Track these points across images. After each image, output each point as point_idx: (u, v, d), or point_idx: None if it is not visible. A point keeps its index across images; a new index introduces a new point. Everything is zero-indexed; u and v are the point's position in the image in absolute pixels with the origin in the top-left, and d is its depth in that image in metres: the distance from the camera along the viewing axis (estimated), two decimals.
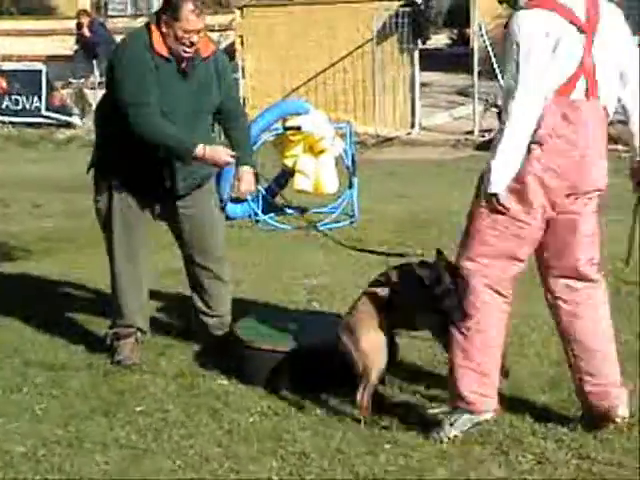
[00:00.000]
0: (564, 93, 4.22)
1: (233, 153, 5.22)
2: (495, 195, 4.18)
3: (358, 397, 4.53)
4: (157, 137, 5.07)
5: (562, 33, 4.21)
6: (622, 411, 4.41)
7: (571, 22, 4.21)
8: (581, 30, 4.23)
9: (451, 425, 4.35)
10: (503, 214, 4.24)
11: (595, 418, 4.40)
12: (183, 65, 5.13)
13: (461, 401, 4.34)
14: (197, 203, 5.42)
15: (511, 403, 4.68)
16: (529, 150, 4.18)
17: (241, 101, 15.46)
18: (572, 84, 4.25)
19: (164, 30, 5.04)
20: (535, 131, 4.17)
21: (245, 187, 5.45)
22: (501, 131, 4.17)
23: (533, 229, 4.31)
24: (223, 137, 5.65)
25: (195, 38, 5.04)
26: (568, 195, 4.29)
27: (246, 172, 5.43)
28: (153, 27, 5.09)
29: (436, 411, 4.56)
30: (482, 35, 14.89)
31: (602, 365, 4.48)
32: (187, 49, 5.05)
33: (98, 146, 5.46)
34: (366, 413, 4.52)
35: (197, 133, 5.21)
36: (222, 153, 5.16)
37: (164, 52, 5.07)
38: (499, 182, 4.16)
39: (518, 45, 4.14)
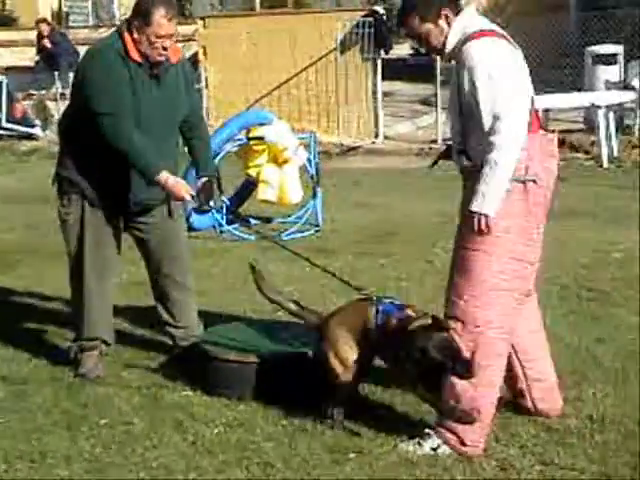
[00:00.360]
0: (536, 127, 4.37)
1: (193, 193, 5.22)
2: (487, 216, 4.22)
3: (327, 409, 4.56)
4: (129, 151, 5.04)
5: (520, 64, 4.37)
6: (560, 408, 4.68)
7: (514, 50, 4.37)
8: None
9: (433, 450, 4.32)
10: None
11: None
12: (155, 71, 5.11)
13: (458, 444, 4.31)
14: (163, 213, 5.41)
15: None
16: (525, 187, 4.27)
17: (204, 112, 15.51)
18: (533, 113, 4.38)
19: (136, 36, 5.02)
20: (526, 168, 4.26)
21: (207, 198, 5.44)
22: (492, 155, 4.16)
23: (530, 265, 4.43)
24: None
25: (168, 43, 5.04)
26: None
27: (207, 183, 5.43)
28: (125, 34, 5.06)
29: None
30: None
31: (547, 370, 4.69)
32: (161, 52, 5.05)
33: (64, 158, 5.40)
34: (333, 424, 4.54)
35: (168, 146, 5.23)
36: (183, 190, 5.14)
37: (138, 58, 5.04)
38: (494, 203, 4.20)
39: (490, 76, 4.19)
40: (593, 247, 8.17)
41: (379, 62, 15.19)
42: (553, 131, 4.54)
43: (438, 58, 15.05)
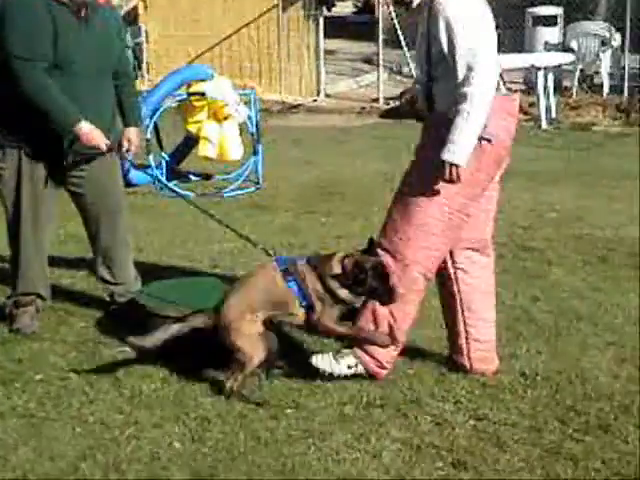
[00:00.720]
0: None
1: (109, 142, 5.11)
2: (457, 166, 4.28)
3: (228, 384, 4.46)
4: (41, 97, 4.91)
5: (490, 19, 4.43)
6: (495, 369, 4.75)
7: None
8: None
9: (349, 367, 4.55)
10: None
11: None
12: (83, 12, 4.97)
13: (372, 364, 4.54)
14: (100, 165, 5.31)
15: (410, 366, 4.77)
16: (479, 144, 4.33)
17: (145, 67, 15.35)
18: None
19: None
20: (484, 127, 4.30)
21: (134, 146, 5.37)
22: (464, 106, 4.21)
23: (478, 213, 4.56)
24: None
25: None
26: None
27: (133, 132, 5.37)
28: None
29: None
30: (387, 3, 14.96)
31: (489, 332, 4.79)
32: None
33: None
34: (238, 398, 4.44)
35: (102, 94, 5.13)
36: (99, 139, 5.04)
37: None
38: (465, 154, 4.27)
39: (465, 27, 4.24)
40: (530, 207, 8.27)
41: (321, 19, 15.11)
42: (515, 91, 4.59)
43: (380, 17, 15.12)
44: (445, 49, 4.30)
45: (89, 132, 4.99)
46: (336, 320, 4.50)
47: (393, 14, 14.72)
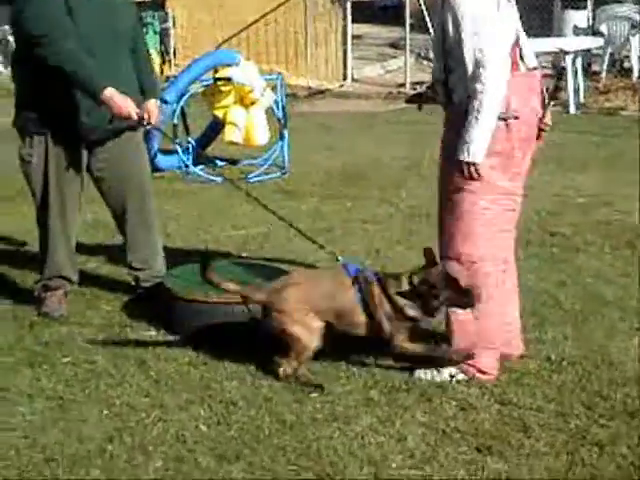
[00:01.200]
0: (515, 63, 4.35)
1: (139, 112, 5.12)
2: (475, 164, 4.27)
3: (281, 372, 4.48)
4: (70, 68, 4.92)
5: (504, 8, 4.34)
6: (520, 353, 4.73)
7: None
8: None
9: (451, 377, 4.47)
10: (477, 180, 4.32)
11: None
12: None
13: (475, 371, 4.48)
14: (125, 147, 5.35)
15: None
16: (506, 124, 4.30)
17: (172, 52, 15.37)
18: (514, 52, 4.39)
19: None
20: (507, 105, 4.28)
21: (154, 117, 5.35)
22: (475, 103, 4.19)
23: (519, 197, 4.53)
24: None
25: None
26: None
27: (152, 105, 5.35)
28: None
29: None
30: None
31: (515, 315, 4.75)
32: None
33: (19, 94, 5.31)
34: (296, 382, 4.46)
35: (118, 65, 5.14)
36: (130, 106, 5.04)
37: None
38: (481, 151, 4.25)
39: (471, 16, 4.19)
40: (557, 192, 8.22)
41: (348, 4, 15.06)
42: (535, 68, 4.53)
43: (407, 1, 15.07)
44: (455, 41, 4.27)
45: (118, 99, 4.99)
46: (408, 338, 4.46)
47: None
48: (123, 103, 5.01)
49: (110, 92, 4.95)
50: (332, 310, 4.48)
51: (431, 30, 14.51)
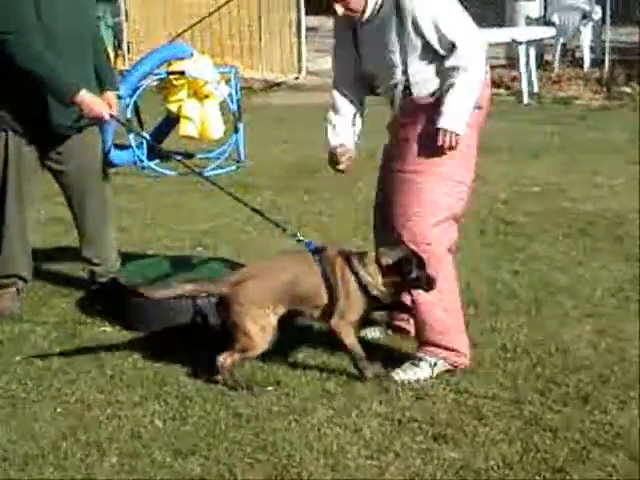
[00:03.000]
0: None
1: (112, 113, 5.13)
2: (457, 135, 4.35)
3: (220, 360, 4.36)
4: (40, 70, 4.91)
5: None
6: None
7: None
8: None
9: (431, 366, 4.45)
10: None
11: None
12: None
13: (453, 355, 4.47)
14: (82, 141, 5.31)
15: (389, 340, 4.79)
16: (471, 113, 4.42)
17: (125, 46, 15.26)
18: None
19: None
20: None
21: (115, 112, 5.31)
22: (457, 82, 4.30)
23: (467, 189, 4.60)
24: None
25: None
26: None
27: (111, 97, 5.32)
28: None
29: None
30: None
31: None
32: None
33: None
34: (225, 375, 4.38)
35: (83, 64, 5.11)
36: (102, 107, 5.05)
37: None
38: (464, 124, 4.36)
39: (445, 19, 4.34)
40: (511, 182, 8.27)
41: None
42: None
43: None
44: (432, 39, 4.35)
45: (90, 101, 4.99)
46: (353, 325, 4.42)
47: None
48: (95, 105, 5.01)
49: (82, 94, 4.95)
50: (296, 295, 4.40)
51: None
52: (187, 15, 15.12)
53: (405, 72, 4.47)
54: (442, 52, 4.36)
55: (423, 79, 4.45)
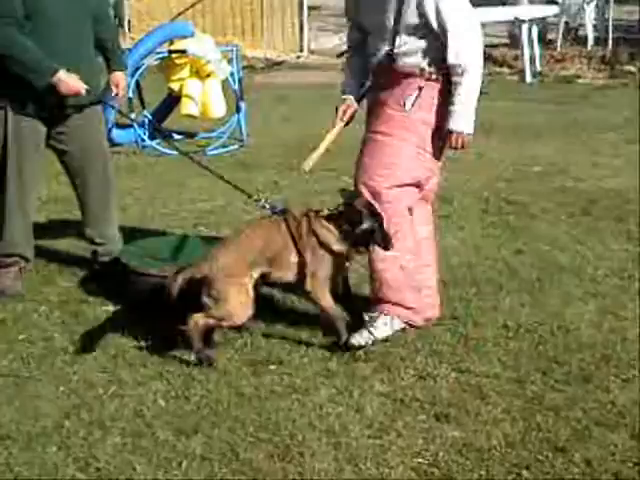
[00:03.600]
0: None
1: (87, 87, 5.07)
2: (469, 135, 4.57)
3: (192, 320, 4.38)
4: (15, 52, 4.91)
5: None
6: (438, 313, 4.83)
7: None
8: None
9: (385, 324, 4.56)
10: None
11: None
12: None
13: (406, 313, 4.61)
14: (84, 120, 5.29)
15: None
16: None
17: (126, 24, 15.22)
18: None
19: None
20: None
21: (122, 89, 5.40)
22: (459, 82, 4.48)
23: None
24: None
25: None
26: None
27: (120, 77, 5.38)
28: None
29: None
30: None
31: (433, 277, 4.87)
32: None
33: None
34: (192, 333, 4.37)
35: (82, 44, 5.09)
36: (78, 84, 5.02)
37: None
38: (472, 123, 4.57)
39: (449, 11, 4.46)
40: (514, 161, 8.26)
41: None
42: None
43: None
44: (432, 20, 4.48)
45: (66, 79, 4.97)
46: (326, 284, 4.48)
47: None
48: (72, 82, 4.99)
49: (59, 75, 4.93)
50: (268, 257, 4.47)
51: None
52: None
53: (393, 40, 4.58)
54: (449, 46, 4.46)
55: (408, 50, 4.56)
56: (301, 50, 15.16)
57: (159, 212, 6.91)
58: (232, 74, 9.32)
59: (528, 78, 12.44)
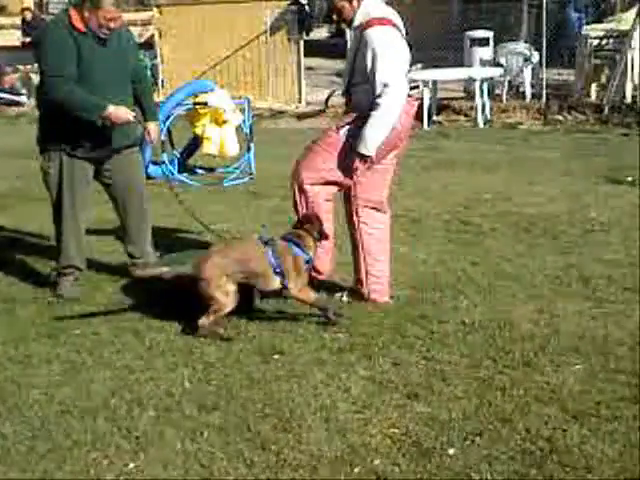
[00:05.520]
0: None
1: (133, 114, 5.11)
2: (370, 156, 4.63)
3: (200, 322, 4.51)
4: (71, 98, 4.91)
5: (404, 47, 4.68)
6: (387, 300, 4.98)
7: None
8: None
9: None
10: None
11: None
12: (102, 38, 5.00)
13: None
14: (126, 160, 5.29)
15: (371, 319, 4.76)
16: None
17: (160, 83, 15.22)
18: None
19: (86, 15, 4.90)
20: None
21: (154, 136, 5.40)
22: (378, 112, 4.50)
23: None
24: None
25: (112, 24, 4.95)
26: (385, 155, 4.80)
27: (152, 125, 5.38)
28: (72, 10, 4.94)
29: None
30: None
31: (383, 270, 4.97)
32: (106, 31, 4.96)
33: (41, 119, 5.26)
34: (205, 332, 4.51)
35: (120, 102, 5.06)
36: (124, 112, 5.02)
37: (82, 27, 4.93)
38: (375, 147, 4.60)
39: (383, 55, 4.50)
40: (469, 190, 8.24)
41: (301, 42, 14.98)
42: (417, 99, 4.90)
43: (349, 40, 15.01)
44: (366, 67, 4.54)
45: (115, 110, 4.97)
46: (306, 284, 4.62)
47: None
48: (120, 112, 5.00)
49: (109, 108, 4.94)
50: (245, 274, 4.54)
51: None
52: (210, 57, 15.09)
53: (349, 82, 4.71)
54: (376, 87, 4.48)
55: (360, 92, 4.63)
56: (299, 102, 15.15)
57: (185, 232, 6.88)
58: (244, 121, 9.30)
59: (480, 124, 12.45)
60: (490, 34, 14.13)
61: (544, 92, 13.15)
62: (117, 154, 5.25)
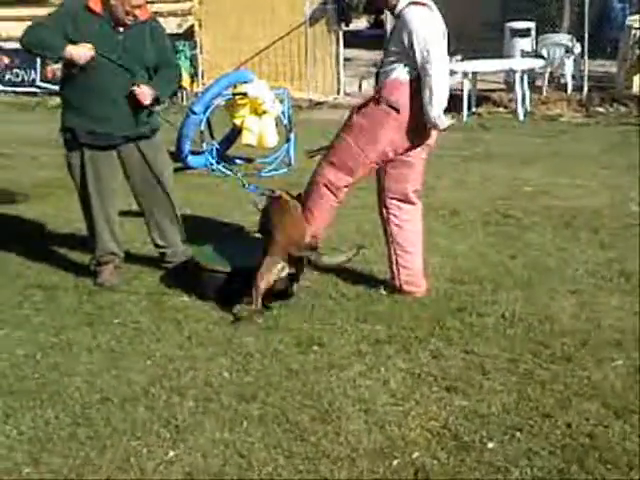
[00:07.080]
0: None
1: (92, 53, 4.93)
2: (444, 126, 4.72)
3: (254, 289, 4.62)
4: (30, 38, 4.95)
5: (443, 28, 4.71)
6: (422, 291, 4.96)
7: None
8: None
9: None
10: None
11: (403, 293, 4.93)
12: (119, 25, 5.02)
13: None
14: (144, 155, 5.25)
15: (411, 311, 4.74)
16: (385, 110, 4.70)
17: (199, 74, 15.26)
18: None
19: (113, 2, 4.92)
20: (396, 100, 4.67)
21: (139, 91, 5.03)
22: (431, 88, 4.55)
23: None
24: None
25: (137, 11, 4.99)
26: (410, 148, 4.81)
27: (145, 86, 5.07)
28: None
29: None
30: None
31: (415, 262, 4.95)
32: (131, 18, 5.00)
33: (63, 109, 5.30)
34: (255, 308, 4.60)
35: (125, 90, 5.02)
36: (87, 50, 4.92)
37: (97, 10, 4.96)
38: (442, 109, 4.66)
39: (418, 23, 4.56)
40: (509, 183, 8.17)
41: (340, 33, 14.93)
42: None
43: (388, 30, 14.94)
44: (406, 45, 4.57)
45: (73, 49, 4.91)
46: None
47: None
48: (81, 49, 4.93)
49: (68, 48, 4.91)
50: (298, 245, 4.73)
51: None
52: (249, 48, 15.10)
53: (382, 64, 4.78)
54: (420, 64, 4.54)
55: (388, 71, 4.69)
56: (338, 93, 15.11)
57: (224, 221, 6.90)
58: (283, 112, 9.29)
59: (520, 116, 12.31)
60: (532, 25, 13.97)
61: (585, 84, 12.98)
62: (129, 143, 5.20)
